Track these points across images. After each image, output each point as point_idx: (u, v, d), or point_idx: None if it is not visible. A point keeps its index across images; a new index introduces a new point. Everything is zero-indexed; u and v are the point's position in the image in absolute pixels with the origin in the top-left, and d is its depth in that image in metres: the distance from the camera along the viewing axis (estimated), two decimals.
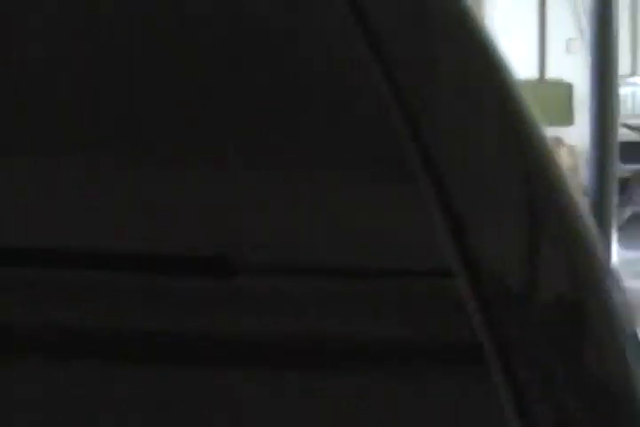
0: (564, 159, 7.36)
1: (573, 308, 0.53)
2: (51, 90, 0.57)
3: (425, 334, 0.52)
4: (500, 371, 0.51)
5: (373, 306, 0.53)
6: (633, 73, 7.97)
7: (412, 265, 0.54)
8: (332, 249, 0.55)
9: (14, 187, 0.55)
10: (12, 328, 0.52)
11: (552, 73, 7.58)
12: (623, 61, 7.96)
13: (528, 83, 7.88)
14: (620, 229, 7.24)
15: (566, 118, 7.35)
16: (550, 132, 7.55)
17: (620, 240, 6.93)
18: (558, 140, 7.53)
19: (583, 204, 0.64)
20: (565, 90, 7.25)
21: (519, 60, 7.77)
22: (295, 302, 0.54)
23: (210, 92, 0.59)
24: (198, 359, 0.52)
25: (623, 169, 7.66)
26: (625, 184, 7.53)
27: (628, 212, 7.34)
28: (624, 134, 7.61)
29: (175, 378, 0.52)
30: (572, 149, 6.98)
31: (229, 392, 0.52)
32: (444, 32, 0.60)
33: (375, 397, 0.53)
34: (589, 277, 0.54)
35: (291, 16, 0.60)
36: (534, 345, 0.52)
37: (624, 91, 7.89)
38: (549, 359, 0.52)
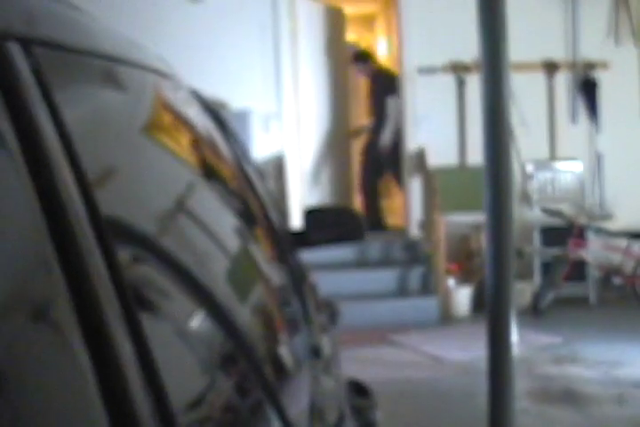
0: (484, 245, 7.39)
1: None
2: None
3: None
4: None
5: None
6: (552, 158, 8.12)
7: None
8: None
9: None
10: None
11: (472, 159, 7.69)
12: (542, 147, 8.12)
13: (449, 169, 7.99)
14: (543, 313, 7.24)
15: None
16: (471, 217, 7.60)
17: (541, 325, 6.92)
18: (479, 226, 7.57)
19: None
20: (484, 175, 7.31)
21: (440, 146, 7.88)
22: None
23: None
24: None
25: (546, 253, 7.73)
26: (548, 268, 7.57)
27: (550, 296, 7.36)
28: (546, 219, 7.71)
29: None
30: None
31: None
32: None
33: None
34: None
35: None
36: None
37: (544, 176, 8.02)
38: None
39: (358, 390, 1.62)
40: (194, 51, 7.73)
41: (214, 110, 1.93)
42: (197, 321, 0.93)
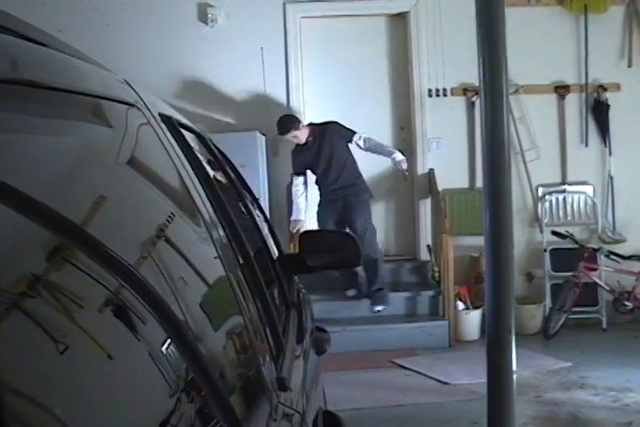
0: None
1: None
2: None
3: None
4: None
5: None
6: (563, 181, 8.08)
7: None
8: None
9: None
10: None
11: (482, 182, 7.62)
12: (553, 170, 8.07)
13: (459, 192, 7.97)
14: (553, 337, 7.17)
15: None
16: (481, 240, 7.55)
17: (551, 349, 6.85)
18: None
19: None
20: None
21: (450, 168, 7.86)
22: None
23: None
24: None
25: (557, 276, 7.66)
26: (559, 291, 7.51)
27: (561, 319, 7.29)
28: (555, 242, 7.66)
29: None
30: None
31: None
32: None
33: None
34: None
35: None
36: None
37: (555, 199, 7.98)
38: None
39: (331, 422, 1.58)
40: (205, 72, 7.75)
41: (195, 131, 1.92)
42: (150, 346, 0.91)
